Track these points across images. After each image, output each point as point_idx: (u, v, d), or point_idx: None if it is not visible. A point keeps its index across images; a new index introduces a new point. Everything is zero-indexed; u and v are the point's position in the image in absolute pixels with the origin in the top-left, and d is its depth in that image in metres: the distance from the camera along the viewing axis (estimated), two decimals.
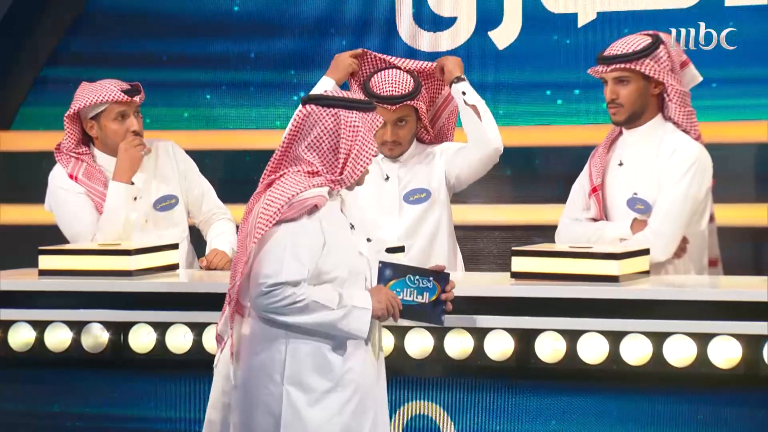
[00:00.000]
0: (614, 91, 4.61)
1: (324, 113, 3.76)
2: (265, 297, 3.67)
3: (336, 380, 3.74)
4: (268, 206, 3.69)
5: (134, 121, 4.87)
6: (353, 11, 6.22)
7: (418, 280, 3.88)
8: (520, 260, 4.22)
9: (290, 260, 3.68)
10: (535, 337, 4.11)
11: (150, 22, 6.43)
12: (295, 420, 3.71)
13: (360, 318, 3.74)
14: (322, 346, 3.74)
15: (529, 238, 5.84)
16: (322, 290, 3.72)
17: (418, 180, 4.86)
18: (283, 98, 6.26)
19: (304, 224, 3.71)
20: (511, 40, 6.08)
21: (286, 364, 3.73)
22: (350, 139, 3.76)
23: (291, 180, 3.75)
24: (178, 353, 4.35)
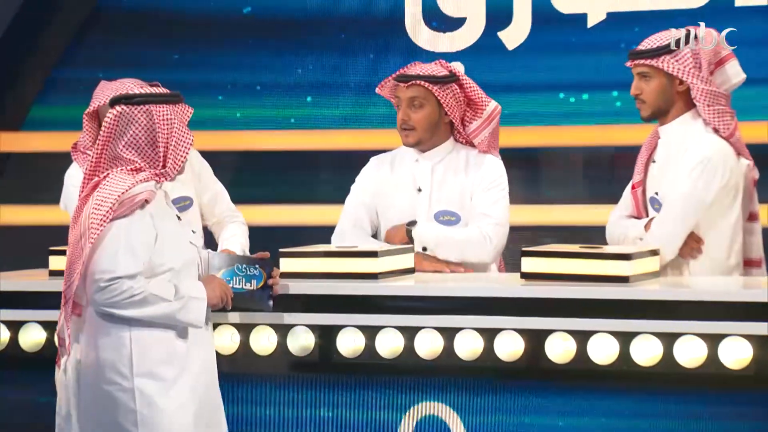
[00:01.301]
0: (638, 87, 4.62)
1: (136, 111, 3.89)
2: (103, 292, 3.79)
3: (183, 365, 3.89)
4: (99, 206, 3.81)
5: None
6: (362, 11, 6.23)
7: (246, 268, 4.09)
8: (530, 261, 4.22)
9: (125, 255, 3.80)
10: (546, 338, 4.11)
11: (160, 22, 6.44)
12: (151, 411, 3.84)
13: (197, 308, 3.90)
14: (166, 334, 3.88)
15: (539, 238, 5.84)
16: (158, 283, 3.85)
17: (449, 197, 4.69)
18: (294, 98, 6.27)
19: (136, 219, 3.85)
20: (520, 40, 6.09)
21: (133, 358, 3.85)
22: (166, 132, 3.89)
23: (117, 179, 3.86)
24: None
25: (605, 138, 6.04)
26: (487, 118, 4.69)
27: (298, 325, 4.26)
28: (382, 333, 4.22)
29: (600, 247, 4.32)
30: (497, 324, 4.14)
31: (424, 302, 4.20)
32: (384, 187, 4.77)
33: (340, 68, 6.23)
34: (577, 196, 6.19)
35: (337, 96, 6.20)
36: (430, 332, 4.20)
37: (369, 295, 4.23)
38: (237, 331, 4.31)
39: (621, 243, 4.65)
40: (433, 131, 4.69)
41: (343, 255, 4.32)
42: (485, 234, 4.61)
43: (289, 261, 4.33)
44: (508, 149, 5.93)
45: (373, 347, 4.22)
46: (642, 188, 4.69)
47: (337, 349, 4.24)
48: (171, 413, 3.86)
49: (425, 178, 4.71)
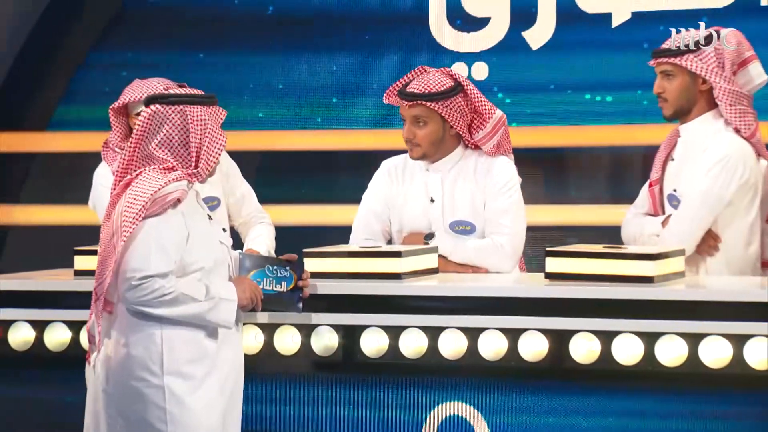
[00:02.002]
0: (660, 86, 4.61)
1: (170, 111, 3.91)
2: (135, 290, 3.81)
3: (212, 365, 3.91)
4: (131, 204, 3.83)
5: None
6: (386, 11, 6.22)
7: (276, 269, 4.09)
8: (554, 261, 4.21)
9: (157, 253, 3.82)
10: (570, 338, 4.10)
11: (185, 23, 6.46)
12: (180, 409, 3.86)
13: (227, 309, 3.92)
14: (196, 333, 3.89)
15: (563, 238, 5.83)
16: (189, 282, 3.87)
17: (463, 207, 4.65)
18: (318, 98, 6.27)
19: (168, 218, 3.86)
20: (545, 40, 6.07)
21: (163, 356, 3.87)
22: (199, 133, 3.91)
23: (150, 177, 3.88)
24: None
25: (630, 138, 6.02)
26: (493, 128, 4.66)
27: (322, 325, 4.27)
28: (405, 333, 4.22)
29: (624, 248, 4.30)
30: (521, 324, 4.13)
31: (448, 302, 4.20)
32: (396, 195, 4.74)
33: (365, 68, 6.23)
34: (602, 196, 6.17)
35: (361, 96, 6.20)
36: (454, 332, 4.19)
37: (393, 295, 4.23)
38: (261, 331, 4.31)
39: (636, 240, 4.65)
40: (439, 145, 4.66)
41: (367, 255, 4.32)
42: (501, 245, 4.59)
43: (314, 261, 4.33)
44: (532, 149, 5.93)
45: (396, 347, 4.22)
46: (659, 186, 4.68)
47: (361, 349, 4.24)
48: (199, 412, 3.88)
49: (437, 188, 4.68)
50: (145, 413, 3.86)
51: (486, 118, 4.64)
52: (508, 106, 6.09)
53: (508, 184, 4.65)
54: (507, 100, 6.11)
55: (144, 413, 3.87)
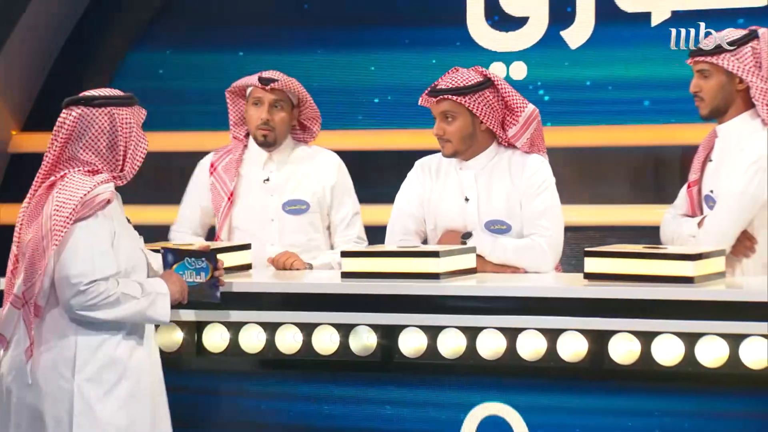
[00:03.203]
0: (697, 84, 4.59)
1: (98, 113, 3.93)
2: (82, 296, 3.85)
3: (123, 370, 3.94)
4: (60, 208, 3.85)
5: (262, 110, 4.90)
6: (423, 10, 6.22)
7: (194, 261, 4.17)
8: (593, 261, 4.19)
9: (100, 257, 3.87)
10: (609, 339, 4.08)
11: (222, 22, 6.48)
12: (87, 413, 3.90)
13: (163, 304, 4.00)
14: (110, 338, 3.94)
15: (603, 238, 5.81)
16: (126, 282, 3.93)
17: (498, 206, 4.63)
18: (356, 96, 6.27)
19: (100, 221, 3.90)
20: (583, 39, 6.05)
21: (75, 360, 3.91)
22: (126, 135, 3.95)
23: (77, 180, 3.90)
24: (252, 353, 4.37)
25: (671, 137, 5.99)
26: (525, 123, 4.65)
27: (360, 324, 4.27)
28: (443, 333, 4.21)
29: (664, 248, 4.28)
30: (560, 324, 4.11)
31: (486, 302, 4.19)
32: (431, 195, 4.73)
33: (403, 67, 6.23)
34: (642, 196, 6.14)
35: (399, 95, 6.20)
36: (493, 332, 4.18)
37: (431, 295, 4.23)
38: (300, 331, 4.32)
39: (674, 241, 4.63)
40: (470, 141, 4.64)
41: (406, 255, 4.32)
42: (540, 245, 4.58)
43: (352, 261, 4.34)
44: (572, 148, 5.90)
45: (435, 347, 4.21)
46: (698, 187, 4.66)
47: (399, 349, 4.24)
48: (107, 417, 3.93)
49: (471, 187, 4.67)
50: (53, 416, 3.92)
51: (517, 113, 4.63)
52: (547, 104, 6.07)
53: (544, 183, 4.63)
54: (546, 98, 6.10)
55: (52, 416, 3.92)
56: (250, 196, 4.99)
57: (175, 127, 6.57)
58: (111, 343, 3.95)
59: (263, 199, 4.97)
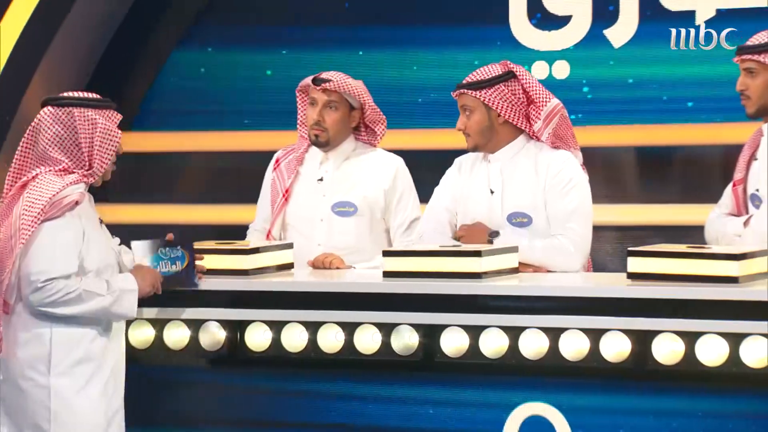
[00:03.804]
0: (743, 83, 4.56)
1: (59, 112, 4.06)
2: (39, 292, 3.95)
3: (97, 365, 4.04)
4: (29, 208, 3.96)
5: (315, 110, 4.91)
6: (465, 8, 6.21)
7: (168, 251, 4.25)
8: (637, 261, 4.17)
9: (60, 255, 3.96)
10: (653, 339, 4.06)
11: (265, 21, 6.49)
12: (65, 409, 3.99)
13: (129, 300, 4.08)
14: (84, 334, 4.03)
15: (646, 238, 5.77)
16: (89, 280, 4.01)
17: (521, 199, 4.64)
18: (397, 95, 6.27)
19: (68, 221, 4.00)
20: (627, 38, 6.02)
21: (51, 356, 4.00)
22: (89, 131, 4.05)
23: (47, 180, 4.02)
24: (294, 352, 4.38)
25: (716, 136, 5.95)
26: (547, 117, 4.64)
27: (402, 324, 4.26)
28: (485, 333, 4.20)
29: (708, 248, 4.25)
30: (603, 324, 4.10)
31: (529, 302, 4.18)
32: (463, 189, 4.75)
33: (446, 66, 6.22)
34: (686, 195, 6.11)
35: (442, 94, 6.20)
36: (535, 332, 4.17)
37: (473, 295, 4.22)
38: (341, 330, 4.32)
39: (719, 240, 4.59)
40: (489, 134, 4.65)
41: (447, 254, 4.31)
42: (568, 246, 4.56)
43: (393, 260, 4.34)
44: (615, 148, 5.87)
45: (476, 347, 4.20)
46: (743, 186, 4.63)
47: (441, 349, 4.24)
48: (84, 412, 4.02)
49: (496, 179, 4.67)
50: (31, 412, 4.00)
51: (540, 106, 4.63)
52: (591, 103, 6.05)
53: (572, 181, 4.62)
54: (589, 96, 6.07)
55: (29, 412, 4.00)
56: (304, 194, 4.99)
57: (220, 126, 6.59)
58: (86, 339, 4.05)
59: (315, 199, 4.98)
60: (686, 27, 5.91)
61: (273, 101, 6.42)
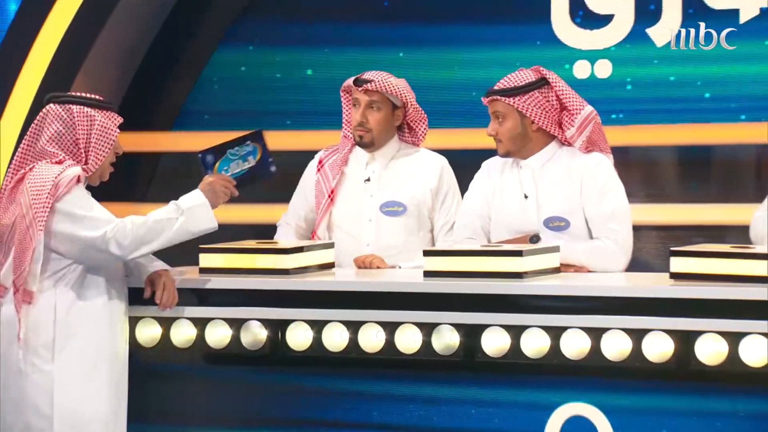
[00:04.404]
0: None
1: (60, 109, 4.20)
2: (114, 242, 4.10)
3: (103, 356, 4.15)
4: (38, 195, 4.08)
5: (358, 111, 4.91)
6: (507, 7, 6.19)
7: (238, 149, 4.27)
8: (679, 260, 4.15)
9: (99, 209, 4.14)
10: (696, 339, 4.04)
11: (305, 21, 6.50)
12: (67, 396, 4.09)
13: (203, 214, 4.20)
14: (91, 325, 4.15)
15: (689, 238, 5.74)
16: (153, 212, 4.18)
17: (556, 203, 4.63)
18: (438, 93, 6.26)
19: (78, 192, 4.14)
20: (670, 37, 5.99)
21: (55, 343, 4.11)
22: (86, 128, 4.18)
23: (45, 168, 4.15)
24: (334, 351, 4.38)
25: (761, 135, 5.91)
26: (582, 124, 4.62)
27: (443, 323, 4.26)
28: (527, 333, 4.19)
29: (752, 247, 4.22)
30: (645, 324, 4.07)
31: (570, 302, 4.16)
32: (494, 193, 4.74)
33: (487, 65, 6.21)
34: (731, 195, 6.07)
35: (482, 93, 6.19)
36: (577, 332, 4.15)
37: (514, 295, 4.21)
38: (382, 329, 4.32)
39: (764, 240, 4.55)
40: (522, 141, 4.65)
41: (488, 254, 4.31)
42: (611, 247, 4.55)
43: (434, 260, 4.33)
44: (656, 147, 5.83)
45: (518, 347, 4.19)
46: None
47: (482, 348, 4.23)
48: (86, 400, 4.10)
49: (530, 185, 4.67)
50: (33, 398, 4.08)
51: (574, 114, 4.62)
52: (634, 102, 6.02)
53: (608, 184, 4.61)
54: (632, 95, 6.04)
55: (31, 398, 4.08)
56: (350, 195, 5.00)
57: (260, 126, 6.60)
58: (92, 330, 4.14)
59: (362, 199, 4.98)
60: (729, 26, 5.87)
61: (314, 101, 6.43)
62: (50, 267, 4.15)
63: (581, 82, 5.96)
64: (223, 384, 4.54)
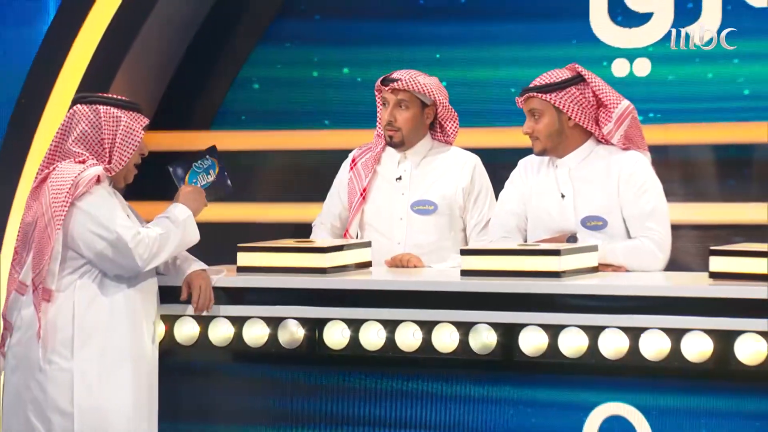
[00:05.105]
0: None
1: (86, 109, 4.23)
2: (137, 251, 4.13)
3: (125, 354, 4.16)
4: (57, 194, 4.10)
5: (386, 111, 4.91)
6: (545, 4, 6.18)
7: (201, 162, 4.39)
8: (719, 260, 4.12)
9: (120, 215, 4.17)
10: (735, 339, 4.01)
11: (342, 21, 6.51)
12: (88, 394, 4.12)
13: (192, 225, 4.29)
14: (111, 320, 4.16)
15: (728, 237, 5.71)
16: (154, 224, 4.22)
17: (594, 202, 4.61)
18: (476, 91, 6.25)
19: (100, 192, 4.18)
20: (709, 35, 5.95)
21: (74, 341, 4.12)
22: (112, 129, 4.21)
23: (66, 167, 4.19)
24: (372, 350, 4.38)
25: None
26: (619, 119, 4.60)
27: (480, 323, 4.25)
28: (565, 332, 4.17)
29: None
30: (684, 324, 4.05)
31: (608, 301, 4.14)
32: (531, 192, 4.73)
33: (525, 63, 6.19)
34: (767, 194, 6.03)
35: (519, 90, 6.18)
36: (615, 332, 4.13)
37: (552, 294, 4.19)
38: (419, 328, 4.32)
39: None
40: (559, 138, 4.63)
41: (526, 253, 4.29)
42: (650, 247, 4.53)
43: (471, 259, 4.32)
44: (695, 145, 5.80)
45: (555, 346, 4.18)
46: None
47: (520, 348, 4.21)
48: (107, 397, 4.12)
49: (566, 184, 4.65)
50: (53, 396, 4.10)
51: (611, 109, 4.60)
52: (675, 101, 6.00)
53: (646, 183, 4.58)
54: (675, 94, 6.02)
55: (52, 396, 4.10)
56: (382, 193, 5.00)
57: (298, 125, 6.62)
58: (112, 327, 4.16)
59: (394, 198, 4.98)
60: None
61: (352, 100, 6.43)
62: (69, 265, 4.18)
63: (620, 81, 5.94)
64: (259, 382, 4.55)
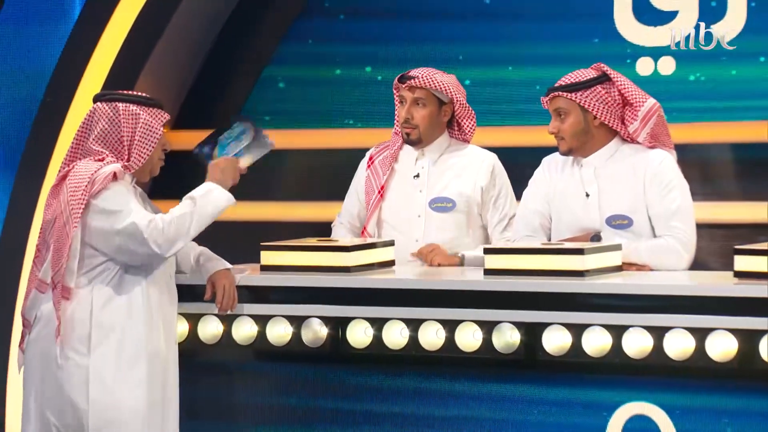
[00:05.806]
0: None
1: (105, 107, 4.24)
2: (154, 240, 4.12)
3: (141, 352, 4.15)
4: (74, 192, 4.13)
5: (404, 108, 4.92)
6: (568, 5, 6.17)
7: (228, 133, 4.35)
8: (744, 259, 4.10)
9: (135, 205, 4.16)
10: (760, 338, 3.99)
11: (372, 20, 6.51)
12: (103, 390, 4.11)
13: (218, 194, 4.25)
14: (128, 320, 4.16)
15: (754, 237, 5.68)
16: (175, 209, 4.20)
17: (619, 201, 4.59)
18: (499, 90, 6.24)
19: (115, 188, 4.17)
20: (734, 34, 5.93)
21: (91, 337, 4.13)
22: (131, 125, 4.21)
23: (84, 165, 4.19)
24: (395, 349, 4.38)
25: None
26: (645, 117, 4.59)
27: (503, 322, 4.24)
28: (588, 331, 4.16)
29: None
30: (709, 323, 4.03)
31: (632, 300, 4.13)
32: (555, 191, 4.72)
33: (549, 61, 6.19)
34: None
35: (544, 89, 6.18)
36: (639, 331, 4.12)
37: (575, 293, 4.18)
38: (442, 327, 4.32)
39: None
40: (585, 137, 4.62)
41: (550, 252, 4.28)
42: (675, 246, 4.52)
43: (494, 258, 4.32)
44: (718, 144, 5.79)
45: (579, 345, 4.17)
46: None
47: (543, 347, 4.21)
48: (122, 394, 4.13)
49: (591, 183, 4.64)
50: (69, 392, 4.11)
51: (637, 108, 4.59)
52: (698, 100, 5.98)
53: (672, 182, 4.56)
54: (697, 93, 6.00)
55: (67, 392, 4.11)
56: (400, 191, 5.00)
57: (320, 124, 6.63)
58: (129, 324, 4.16)
59: (411, 195, 4.98)
60: None
61: (374, 99, 6.43)
62: (87, 263, 4.19)
63: (644, 79, 5.92)
64: (283, 381, 4.56)
